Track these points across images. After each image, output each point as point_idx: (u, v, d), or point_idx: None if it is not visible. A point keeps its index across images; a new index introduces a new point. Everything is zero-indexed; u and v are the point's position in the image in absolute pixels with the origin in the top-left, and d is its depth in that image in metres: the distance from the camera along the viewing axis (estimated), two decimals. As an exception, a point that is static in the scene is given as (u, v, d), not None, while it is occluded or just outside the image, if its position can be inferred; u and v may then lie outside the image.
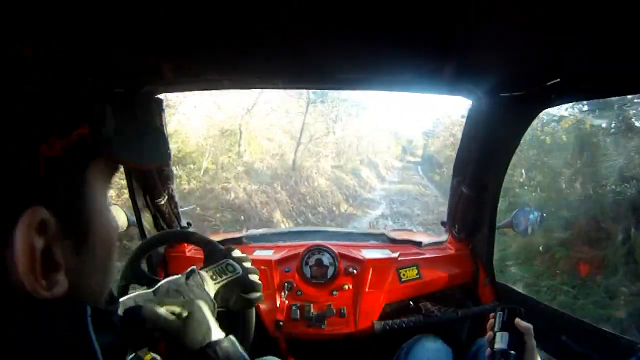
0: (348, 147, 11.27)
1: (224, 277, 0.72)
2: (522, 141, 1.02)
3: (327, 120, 9.10)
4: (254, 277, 0.76)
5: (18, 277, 0.24)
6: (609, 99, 3.41)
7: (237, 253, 0.79)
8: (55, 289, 0.26)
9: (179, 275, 0.71)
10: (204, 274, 0.71)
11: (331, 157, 9.57)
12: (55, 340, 0.26)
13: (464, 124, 1.09)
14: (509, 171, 1.06)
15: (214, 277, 0.72)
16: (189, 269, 0.72)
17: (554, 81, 0.78)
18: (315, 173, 8.02)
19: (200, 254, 1.16)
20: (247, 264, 0.77)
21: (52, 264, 0.26)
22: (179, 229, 1.22)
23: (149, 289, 0.72)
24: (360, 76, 0.96)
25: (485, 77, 0.86)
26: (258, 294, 0.76)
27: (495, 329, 0.74)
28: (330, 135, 9.34)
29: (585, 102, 3.77)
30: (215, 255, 0.79)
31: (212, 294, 0.69)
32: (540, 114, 0.98)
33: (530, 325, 0.73)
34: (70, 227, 0.27)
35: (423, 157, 23.44)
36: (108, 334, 0.29)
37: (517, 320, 0.73)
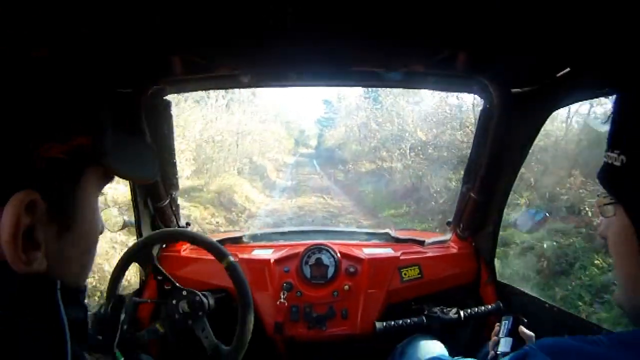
0: (218, 151, 10.02)
1: None
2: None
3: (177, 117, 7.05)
4: None
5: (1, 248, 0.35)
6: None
7: None
8: (34, 265, 0.36)
9: None
10: None
11: (185, 177, 7.94)
12: (27, 308, 0.36)
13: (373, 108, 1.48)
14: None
15: None
16: None
17: (564, 72, 1.01)
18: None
19: (195, 254, 1.51)
20: None
21: (34, 243, 0.37)
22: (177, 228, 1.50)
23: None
24: (373, 70, 1.21)
25: (497, 69, 1.12)
26: None
27: (500, 335, 0.97)
28: (182, 139, 7.57)
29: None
30: None
31: None
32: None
33: (532, 334, 0.94)
34: (57, 215, 0.39)
35: (317, 148, 25.05)
36: (77, 308, 0.42)
37: (522, 328, 0.95)
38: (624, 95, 0.48)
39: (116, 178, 0.48)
